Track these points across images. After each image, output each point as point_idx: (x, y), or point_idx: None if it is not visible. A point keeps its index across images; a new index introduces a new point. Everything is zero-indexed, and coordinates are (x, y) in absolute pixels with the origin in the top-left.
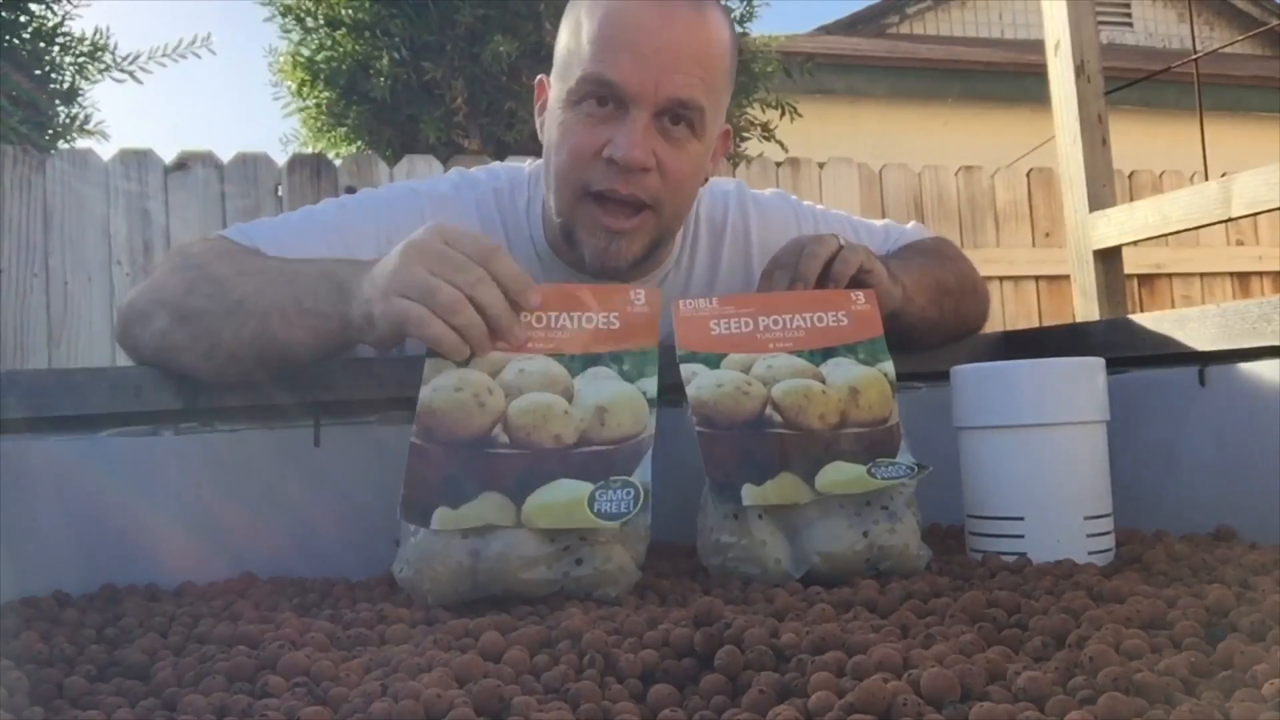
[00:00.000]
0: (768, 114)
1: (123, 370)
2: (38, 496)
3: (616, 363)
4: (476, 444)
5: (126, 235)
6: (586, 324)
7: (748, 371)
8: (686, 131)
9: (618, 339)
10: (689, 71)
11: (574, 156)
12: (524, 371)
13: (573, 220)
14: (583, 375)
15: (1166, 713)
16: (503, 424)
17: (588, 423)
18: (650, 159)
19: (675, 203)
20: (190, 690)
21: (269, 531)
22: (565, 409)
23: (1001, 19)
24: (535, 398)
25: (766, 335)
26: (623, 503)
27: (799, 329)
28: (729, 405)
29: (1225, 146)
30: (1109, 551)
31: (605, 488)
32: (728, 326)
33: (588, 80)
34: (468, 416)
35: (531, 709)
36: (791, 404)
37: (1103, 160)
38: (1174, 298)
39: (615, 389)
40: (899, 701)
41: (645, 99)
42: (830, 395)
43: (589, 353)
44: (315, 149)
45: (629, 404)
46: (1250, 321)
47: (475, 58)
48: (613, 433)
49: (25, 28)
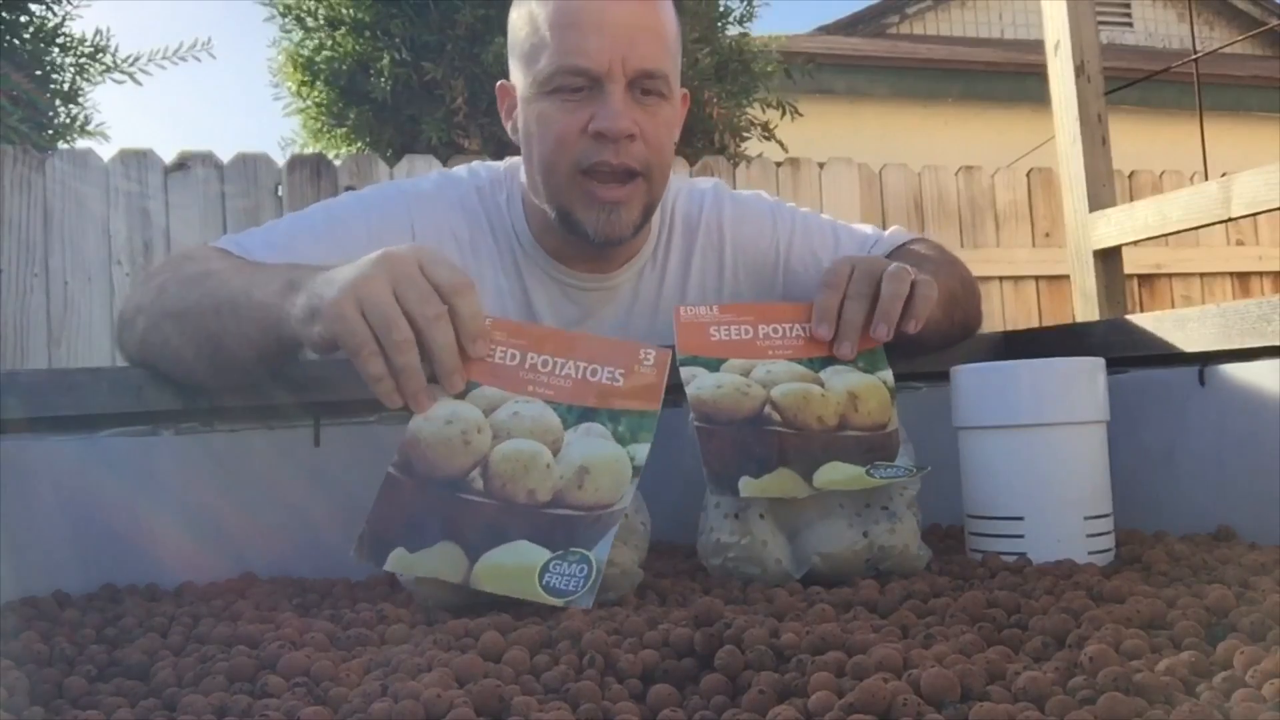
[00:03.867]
0: (768, 114)
1: (122, 370)
2: (38, 496)
3: (613, 422)
4: (450, 485)
5: (126, 235)
6: (590, 376)
7: (747, 375)
8: (657, 98)
9: (620, 397)
10: (649, 41)
11: (560, 140)
12: (518, 415)
13: (568, 201)
14: (575, 429)
15: (1166, 713)
16: (482, 468)
17: (566, 481)
18: (634, 126)
19: (659, 166)
20: (190, 690)
21: (269, 531)
22: (548, 462)
23: (1001, 19)
24: (520, 445)
25: (765, 343)
26: (574, 579)
27: (798, 337)
28: (728, 404)
29: (1225, 146)
30: (1109, 551)
31: (561, 559)
32: (727, 333)
33: (560, 71)
34: (450, 454)
35: (531, 709)
36: (790, 404)
37: (1103, 160)
38: (1174, 298)
39: (603, 450)
40: (899, 701)
41: (616, 73)
42: (829, 398)
43: (587, 406)
44: (315, 149)
45: (612, 468)
46: (1250, 321)
47: (475, 58)
48: (588, 497)
49: (25, 28)
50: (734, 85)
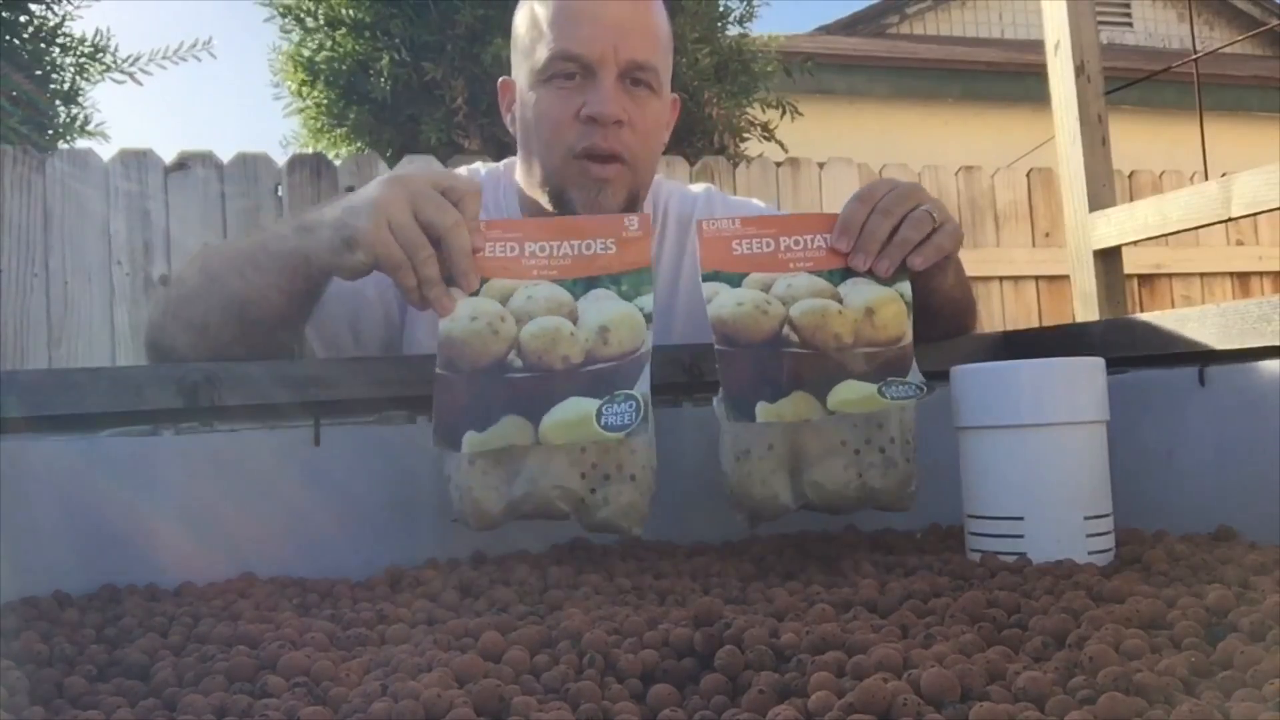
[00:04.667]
0: (767, 114)
1: (122, 370)
2: (37, 496)
3: (615, 284)
4: (494, 369)
5: (126, 235)
6: (586, 250)
7: (768, 290)
8: (647, 91)
9: (615, 262)
10: (641, 35)
11: (555, 124)
12: (531, 298)
13: (562, 180)
14: (585, 297)
15: (1166, 713)
16: (516, 349)
17: (592, 342)
18: (623, 112)
19: (646, 155)
20: (190, 690)
21: (269, 531)
22: (571, 331)
23: (1001, 19)
24: (544, 322)
25: (787, 255)
26: (626, 415)
27: (819, 249)
28: (748, 324)
29: (1225, 146)
30: (1109, 551)
31: (610, 402)
32: (750, 246)
33: (555, 58)
34: (484, 344)
35: (531, 709)
36: (808, 323)
37: (1103, 160)
38: (1174, 298)
39: (615, 308)
40: (899, 701)
41: (607, 63)
42: (847, 315)
43: (589, 276)
44: (315, 149)
45: (628, 321)
46: (1250, 321)
47: (475, 58)
48: (615, 350)
49: (25, 28)
50: (734, 85)
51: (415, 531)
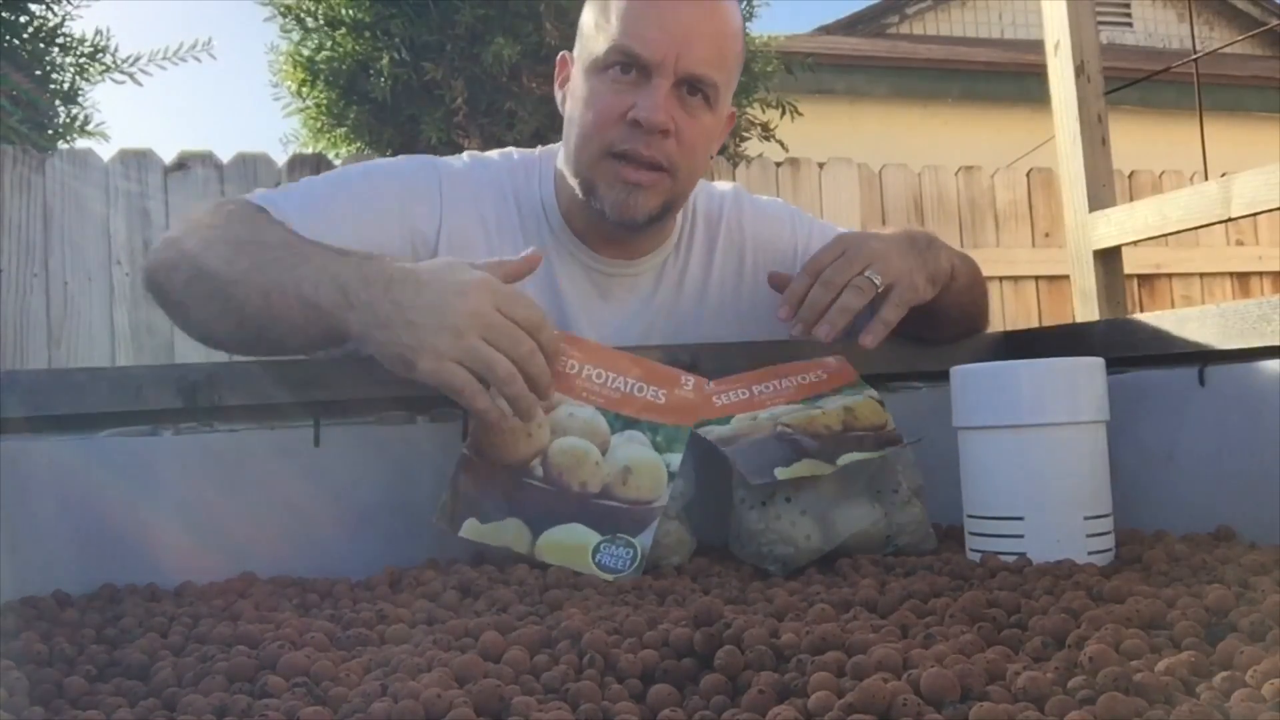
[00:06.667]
0: (767, 114)
1: (122, 370)
2: (37, 496)
3: (652, 432)
4: (517, 471)
5: (126, 235)
6: (637, 392)
7: (754, 420)
8: (701, 103)
9: (659, 412)
10: (706, 48)
11: (600, 118)
12: (572, 416)
13: (594, 176)
14: (620, 434)
15: (1166, 713)
16: (542, 458)
17: (613, 478)
18: (670, 122)
19: (688, 168)
20: (190, 690)
21: (269, 531)
22: (597, 460)
23: (1001, 19)
24: (575, 442)
25: (763, 396)
26: (622, 560)
27: (789, 387)
28: (745, 430)
29: (1225, 146)
30: (1109, 551)
31: (610, 542)
32: (728, 398)
33: (615, 50)
34: (516, 443)
35: (531, 709)
36: (798, 422)
37: (1103, 160)
38: (1174, 298)
39: (644, 454)
40: (899, 701)
41: (666, 69)
42: (830, 413)
43: (631, 416)
44: (315, 149)
45: (652, 471)
46: (1250, 321)
47: (475, 58)
48: (631, 493)
49: (25, 28)
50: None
51: (415, 531)
